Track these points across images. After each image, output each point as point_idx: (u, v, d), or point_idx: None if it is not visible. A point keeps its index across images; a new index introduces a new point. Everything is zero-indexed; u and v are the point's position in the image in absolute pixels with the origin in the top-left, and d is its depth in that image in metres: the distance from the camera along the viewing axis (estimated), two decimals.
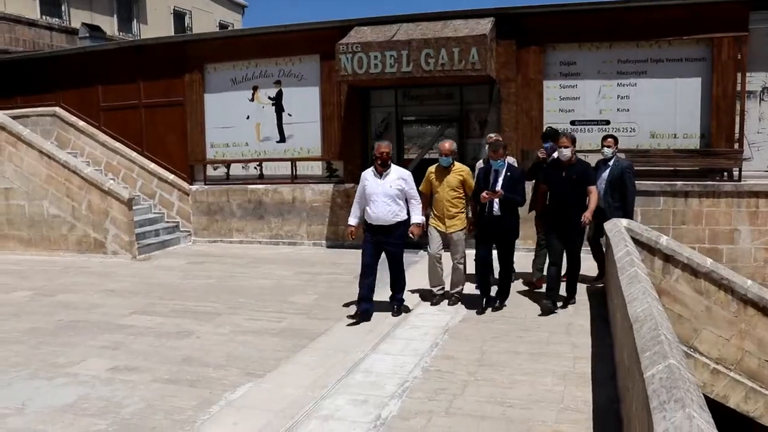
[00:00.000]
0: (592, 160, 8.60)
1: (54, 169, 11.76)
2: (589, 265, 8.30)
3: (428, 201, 7.36)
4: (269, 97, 12.41)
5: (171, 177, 13.06)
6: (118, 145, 13.32)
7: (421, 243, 8.14)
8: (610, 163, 7.97)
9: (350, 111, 11.66)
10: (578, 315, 7.02)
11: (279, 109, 12.39)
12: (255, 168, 12.65)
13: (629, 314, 4.26)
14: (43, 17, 17.66)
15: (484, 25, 10.13)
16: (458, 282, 7.51)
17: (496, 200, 6.83)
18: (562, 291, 7.34)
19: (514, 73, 10.60)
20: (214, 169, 12.90)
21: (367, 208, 6.86)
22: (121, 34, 20.33)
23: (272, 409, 4.66)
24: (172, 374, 5.45)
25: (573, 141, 6.91)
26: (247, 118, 12.56)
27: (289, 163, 12.33)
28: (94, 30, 17.14)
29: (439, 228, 7.37)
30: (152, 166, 13.16)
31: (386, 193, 6.74)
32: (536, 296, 7.63)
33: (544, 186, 7.21)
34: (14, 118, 12.72)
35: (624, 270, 5.65)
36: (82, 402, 4.89)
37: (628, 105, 10.41)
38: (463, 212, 7.33)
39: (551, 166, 7.23)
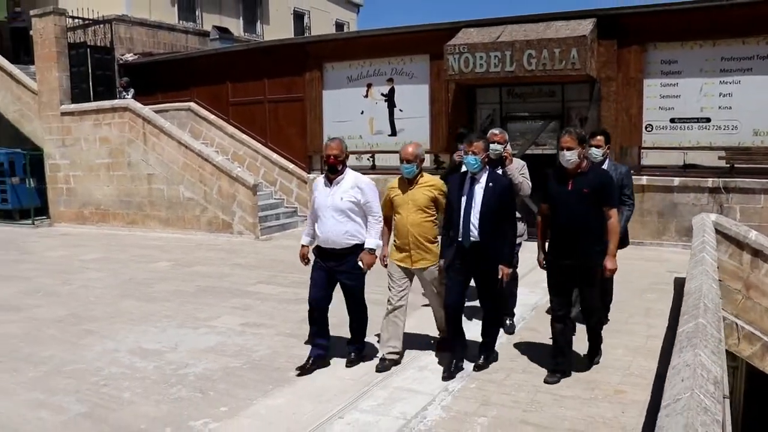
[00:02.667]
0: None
1: (189, 158, 13.87)
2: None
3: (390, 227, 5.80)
4: (382, 94, 13.95)
5: (291, 166, 14.94)
6: (244, 136, 15.35)
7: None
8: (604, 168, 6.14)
9: (457, 107, 12.97)
10: (660, 301, 7.62)
11: (391, 105, 13.90)
12: (368, 159, 14.22)
13: (684, 289, 5.45)
14: (180, 22, 20.24)
15: (585, 26, 11.15)
16: (440, 323, 5.96)
17: (474, 219, 5.20)
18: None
19: (615, 72, 11.50)
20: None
21: (316, 225, 5.59)
22: (246, 34, 22.71)
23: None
24: (293, 330, 6.91)
25: (580, 140, 5.02)
26: (362, 113, 14.16)
27: (399, 155, 13.80)
28: (223, 32, 19.51)
29: (401, 264, 5.57)
30: (274, 156, 15.11)
31: (336, 207, 5.36)
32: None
33: (546, 205, 5.28)
34: (156, 112, 15.00)
35: (694, 255, 6.66)
36: (221, 346, 6.49)
37: (731, 102, 11.00)
38: (435, 242, 5.55)
39: (554, 175, 5.22)
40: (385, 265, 5.76)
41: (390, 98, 13.89)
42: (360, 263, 5.45)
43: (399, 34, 13.56)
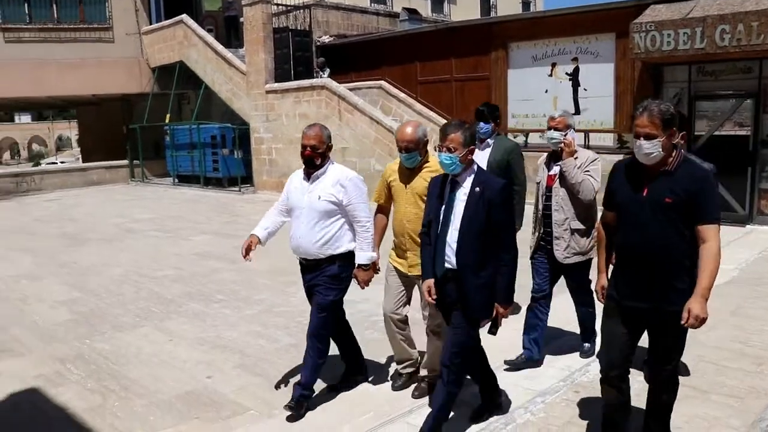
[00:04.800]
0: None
1: (380, 133, 15.43)
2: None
3: (385, 222, 4.88)
4: (566, 73, 14.66)
5: None
6: (431, 113, 16.70)
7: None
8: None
9: (643, 87, 13.36)
10: None
11: (575, 84, 14.57)
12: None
13: None
14: (372, 5, 22.08)
15: None
16: (431, 362, 4.70)
17: (451, 239, 3.94)
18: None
19: None
20: (514, 137, 15.54)
21: (290, 229, 4.72)
22: (434, 15, 24.15)
23: None
24: None
25: (666, 122, 3.39)
26: (546, 92, 14.97)
27: (583, 134, 14.49)
28: (412, 13, 21.03)
29: (399, 267, 4.69)
30: None
31: (312, 208, 4.51)
32: None
33: (611, 214, 3.77)
34: (350, 90, 16.74)
35: None
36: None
37: None
38: None
39: (625, 172, 3.64)
40: (377, 270, 4.77)
41: (574, 77, 14.56)
42: (355, 280, 4.66)
43: (585, 13, 14.16)
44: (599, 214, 4.03)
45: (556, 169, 5.01)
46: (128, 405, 4.92)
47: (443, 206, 3.98)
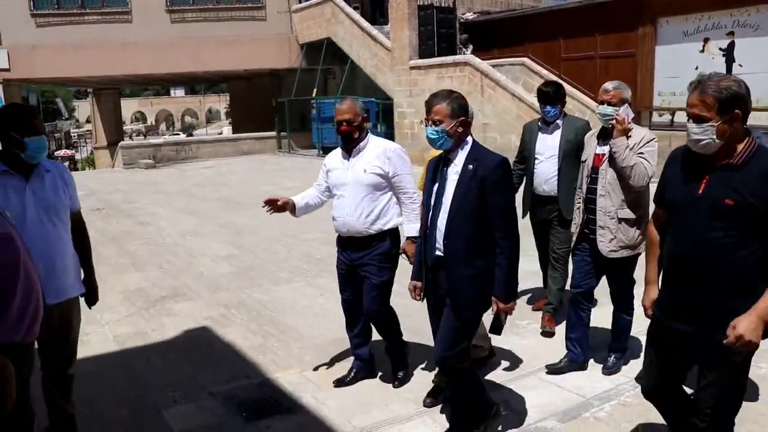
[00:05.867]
0: None
1: (522, 110, 15.61)
2: None
3: None
4: (720, 48, 14.20)
5: None
6: (574, 91, 16.59)
7: None
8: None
9: None
10: None
11: (729, 60, 14.07)
12: None
13: None
14: None
15: None
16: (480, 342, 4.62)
17: (441, 223, 3.56)
18: None
19: None
20: (660, 115, 15.28)
21: (333, 209, 4.50)
22: None
23: None
24: None
25: (723, 103, 2.69)
26: (696, 68, 14.56)
27: None
28: None
29: None
30: None
31: (357, 182, 4.29)
32: None
33: (663, 212, 3.12)
34: (492, 67, 16.97)
35: None
36: None
37: None
38: None
39: (681, 161, 2.97)
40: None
41: (729, 53, 14.07)
42: (403, 255, 4.45)
43: None
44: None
45: (605, 148, 4.37)
46: (286, 346, 5.56)
47: (436, 188, 3.60)
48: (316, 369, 5.01)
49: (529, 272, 6.34)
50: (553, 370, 4.69)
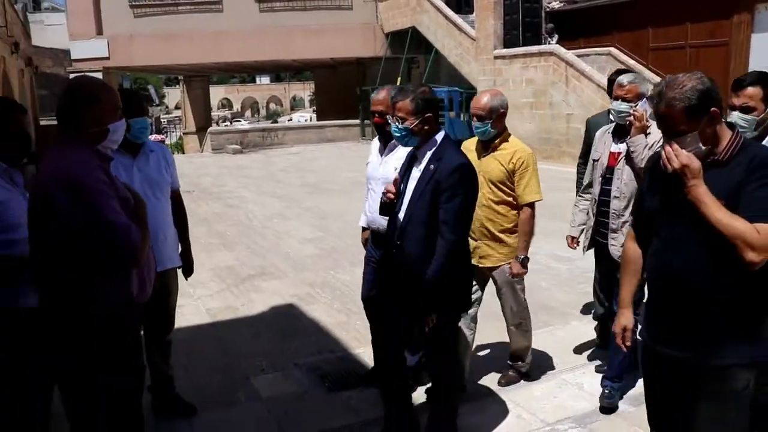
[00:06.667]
0: None
1: (607, 101, 15.24)
2: None
3: None
4: None
5: None
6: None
7: None
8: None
9: None
10: None
11: None
12: None
13: None
14: None
15: None
16: (520, 349, 4.47)
17: (401, 219, 3.43)
18: None
19: None
20: None
21: (364, 202, 4.33)
22: None
23: None
24: None
25: (692, 108, 2.35)
26: None
27: None
28: None
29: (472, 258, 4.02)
30: None
31: (387, 180, 3.87)
32: None
33: (641, 221, 2.74)
34: (577, 56, 16.76)
35: None
36: None
37: None
38: (516, 231, 4.13)
39: (660, 167, 2.50)
40: None
41: None
42: None
43: None
44: None
45: (621, 147, 4.02)
46: (367, 324, 5.79)
47: (403, 184, 3.49)
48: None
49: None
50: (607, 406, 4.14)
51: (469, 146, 4.22)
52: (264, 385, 4.62)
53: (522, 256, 4.11)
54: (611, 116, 4.14)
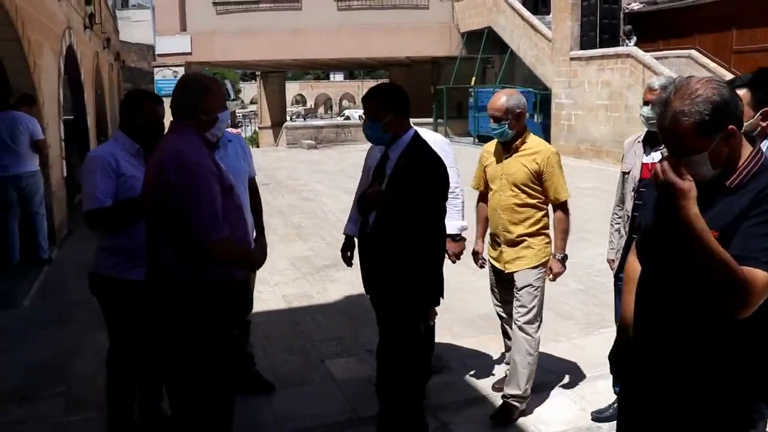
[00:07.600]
0: None
1: None
2: None
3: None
4: None
5: None
6: None
7: None
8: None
9: None
10: None
11: None
12: None
13: None
14: None
15: None
16: (517, 375, 4.03)
17: (372, 215, 3.47)
18: None
19: None
20: None
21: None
22: None
23: None
24: None
25: (704, 125, 1.86)
26: None
27: None
28: None
29: (494, 263, 4.21)
30: None
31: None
32: None
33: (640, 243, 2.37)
34: (656, 59, 16.49)
35: None
36: None
37: None
38: (541, 234, 3.99)
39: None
40: (481, 266, 4.39)
41: None
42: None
43: None
44: None
45: (655, 156, 3.54)
46: (437, 317, 5.93)
47: (380, 176, 3.45)
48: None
49: None
50: (599, 417, 4.05)
51: (489, 148, 4.15)
52: (338, 368, 4.86)
53: (560, 255, 3.98)
54: (641, 123, 3.79)
